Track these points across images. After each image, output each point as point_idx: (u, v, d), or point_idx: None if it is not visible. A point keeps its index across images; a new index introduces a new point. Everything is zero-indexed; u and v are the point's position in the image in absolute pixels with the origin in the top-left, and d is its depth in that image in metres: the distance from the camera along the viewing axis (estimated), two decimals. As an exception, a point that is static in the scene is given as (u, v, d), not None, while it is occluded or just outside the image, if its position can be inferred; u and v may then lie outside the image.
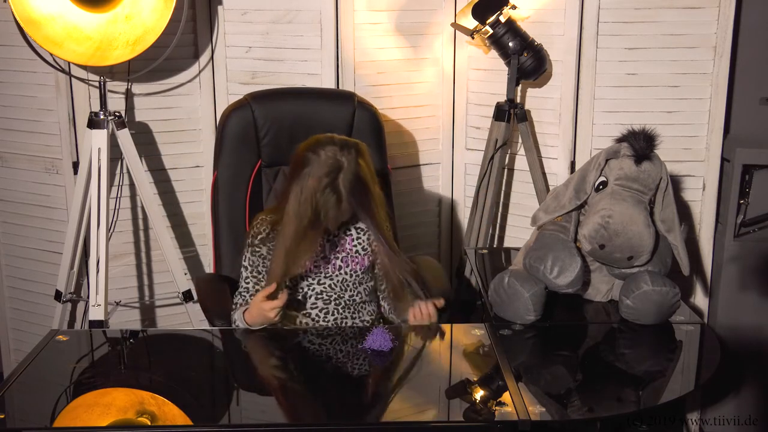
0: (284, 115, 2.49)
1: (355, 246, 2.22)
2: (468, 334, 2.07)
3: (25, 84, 2.81)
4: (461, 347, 2.04)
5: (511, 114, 2.74)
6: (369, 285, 2.25)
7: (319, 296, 2.20)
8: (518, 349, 2.01)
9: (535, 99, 2.84)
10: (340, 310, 2.20)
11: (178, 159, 2.90)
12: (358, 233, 2.23)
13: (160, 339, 1.93)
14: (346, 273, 2.21)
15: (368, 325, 2.21)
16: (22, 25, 2.44)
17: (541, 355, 2.06)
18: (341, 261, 2.21)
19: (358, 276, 2.22)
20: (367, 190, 2.09)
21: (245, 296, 2.17)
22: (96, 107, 2.69)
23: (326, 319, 2.19)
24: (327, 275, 2.20)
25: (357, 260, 2.21)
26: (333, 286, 2.20)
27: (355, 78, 2.80)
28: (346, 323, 2.20)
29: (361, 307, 2.23)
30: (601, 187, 2.14)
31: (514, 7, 2.67)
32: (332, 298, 2.20)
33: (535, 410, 1.67)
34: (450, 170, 3.05)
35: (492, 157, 2.77)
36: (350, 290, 2.21)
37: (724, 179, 2.75)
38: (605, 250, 2.07)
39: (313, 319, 2.19)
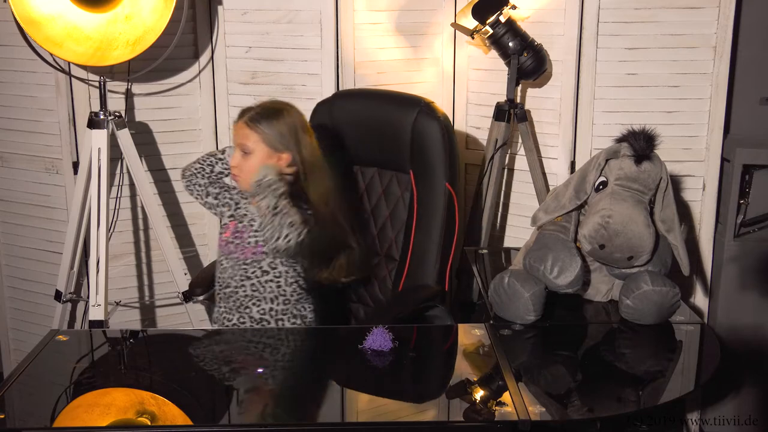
0: (354, 115, 2.51)
1: (252, 236, 2.20)
2: (468, 334, 2.07)
3: (25, 84, 2.82)
4: (461, 347, 2.04)
5: (511, 114, 2.73)
6: (261, 280, 2.21)
7: (219, 278, 2.22)
8: (518, 349, 2.01)
9: (535, 99, 2.84)
10: (225, 299, 2.22)
11: (178, 159, 2.90)
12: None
13: (160, 339, 1.93)
14: (233, 260, 2.20)
15: (257, 321, 2.21)
16: (22, 25, 2.44)
17: (541, 355, 2.06)
18: (234, 246, 2.21)
19: (242, 267, 2.19)
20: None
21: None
22: (96, 107, 2.69)
23: (219, 305, 2.22)
24: (224, 253, 2.22)
25: (245, 249, 2.19)
26: (223, 271, 2.21)
27: (355, 78, 2.80)
28: (231, 317, 2.21)
29: (244, 302, 2.21)
30: (601, 187, 2.14)
31: (514, 7, 2.67)
32: (221, 286, 2.22)
33: (535, 410, 1.67)
34: (450, 170, 3.04)
35: (492, 157, 2.77)
36: (237, 280, 2.20)
37: (724, 179, 2.75)
38: (605, 250, 2.07)
39: (217, 305, 2.24)
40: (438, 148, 2.34)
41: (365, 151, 2.49)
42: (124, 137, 2.66)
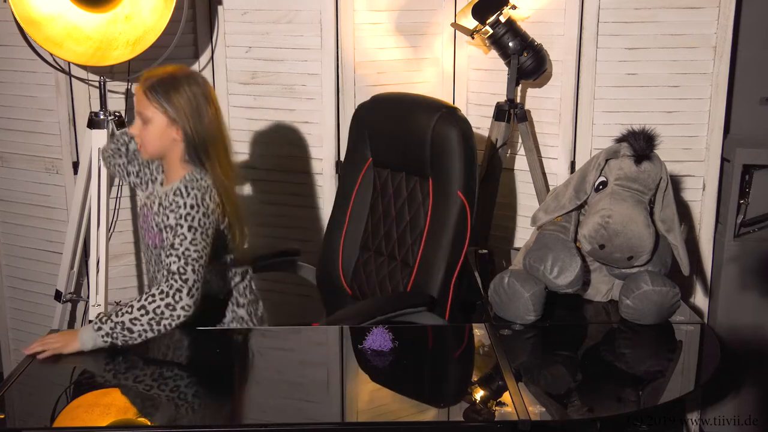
0: (386, 119, 2.50)
1: (155, 217, 2.03)
2: (468, 334, 2.07)
3: (25, 84, 2.82)
4: (461, 347, 2.04)
5: (511, 114, 2.73)
6: None
7: (145, 262, 2.13)
8: (518, 349, 2.01)
9: (535, 99, 2.84)
10: (151, 281, 2.12)
11: (178, 159, 2.90)
12: (166, 204, 1.99)
13: (160, 339, 1.93)
14: (147, 243, 2.07)
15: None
16: (22, 25, 2.44)
17: (541, 355, 2.06)
18: (144, 231, 2.09)
19: (155, 252, 2.05)
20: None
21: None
22: (96, 107, 2.69)
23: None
24: (141, 237, 2.13)
25: (151, 234, 2.05)
26: (144, 254, 2.11)
27: (355, 78, 2.80)
28: None
29: None
30: (601, 187, 2.14)
31: (514, 7, 2.68)
32: (146, 271, 2.14)
33: (535, 410, 1.67)
34: (450, 170, 3.04)
35: (492, 157, 2.77)
36: (153, 263, 2.08)
37: (724, 179, 2.75)
38: (605, 250, 2.07)
39: None
40: (454, 155, 2.29)
41: (394, 155, 2.47)
42: (124, 137, 2.66)
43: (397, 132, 2.45)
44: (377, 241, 2.50)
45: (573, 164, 2.78)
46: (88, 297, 2.63)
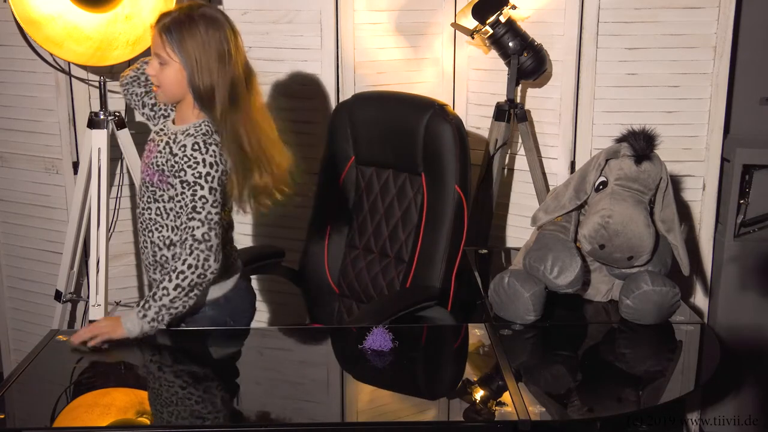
0: (371, 117, 2.51)
1: (158, 155, 1.96)
2: (468, 334, 2.07)
3: (25, 84, 2.82)
4: (461, 347, 2.04)
5: (511, 114, 2.74)
6: (166, 207, 1.97)
7: (137, 195, 2.08)
8: (518, 349, 2.01)
9: (535, 99, 2.84)
10: (138, 217, 2.04)
11: (178, 159, 2.89)
12: (177, 152, 1.92)
13: (160, 339, 1.94)
14: (144, 179, 2.00)
15: (159, 248, 2.00)
16: (22, 25, 2.44)
17: (541, 355, 2.06)
18: (144, 165, 2.01)
19: (149, 188, 1.99)
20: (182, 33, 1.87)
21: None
22: (96, 107, 2.69)
23: (138, 223, 2.07)
24: (141, 171, 2.05)
25: (150, 171, 1.98)
26: (139, 188, 2.06)
27: (355, 78, 2.80)
28: (143, 239, 2.03)
29: (149, 225, 2.00)
30: (601, 187, 2.14)
31: (514, 7, 2.68)
32: (137, 205, 2.06)
33: (535, 410, 1.67)
34: (450, 170, 3.04)
35: (492, 157, 2.77)
36: (145, 200, 2.00)
37: (724, 179, 2.75)
38: (605, 250, 2.07)
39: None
40: (449, 151, 2.32)
41: (381, 153, 2.49)
42: (124, 137, 2.66)
43: (383, 129, 2.46)
44: (365, 238, 2.50)
45: (573, 164, 2.78)
46: (88, 297, 2.63)
